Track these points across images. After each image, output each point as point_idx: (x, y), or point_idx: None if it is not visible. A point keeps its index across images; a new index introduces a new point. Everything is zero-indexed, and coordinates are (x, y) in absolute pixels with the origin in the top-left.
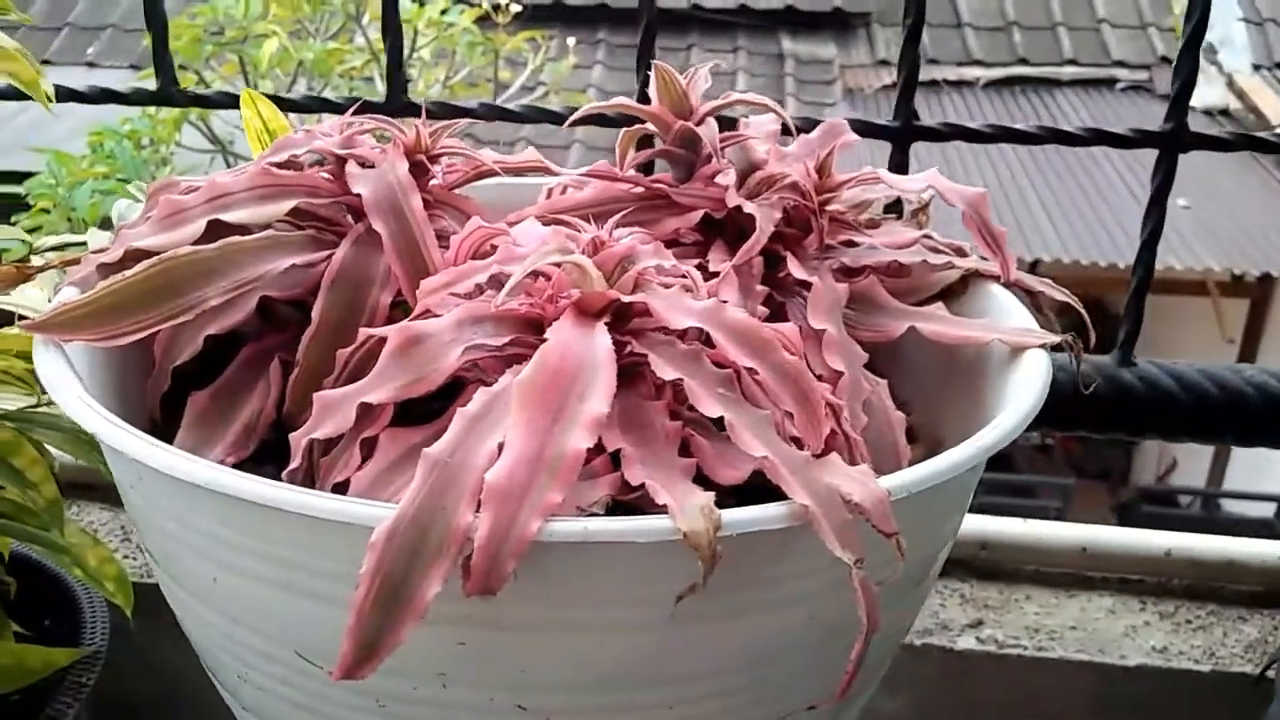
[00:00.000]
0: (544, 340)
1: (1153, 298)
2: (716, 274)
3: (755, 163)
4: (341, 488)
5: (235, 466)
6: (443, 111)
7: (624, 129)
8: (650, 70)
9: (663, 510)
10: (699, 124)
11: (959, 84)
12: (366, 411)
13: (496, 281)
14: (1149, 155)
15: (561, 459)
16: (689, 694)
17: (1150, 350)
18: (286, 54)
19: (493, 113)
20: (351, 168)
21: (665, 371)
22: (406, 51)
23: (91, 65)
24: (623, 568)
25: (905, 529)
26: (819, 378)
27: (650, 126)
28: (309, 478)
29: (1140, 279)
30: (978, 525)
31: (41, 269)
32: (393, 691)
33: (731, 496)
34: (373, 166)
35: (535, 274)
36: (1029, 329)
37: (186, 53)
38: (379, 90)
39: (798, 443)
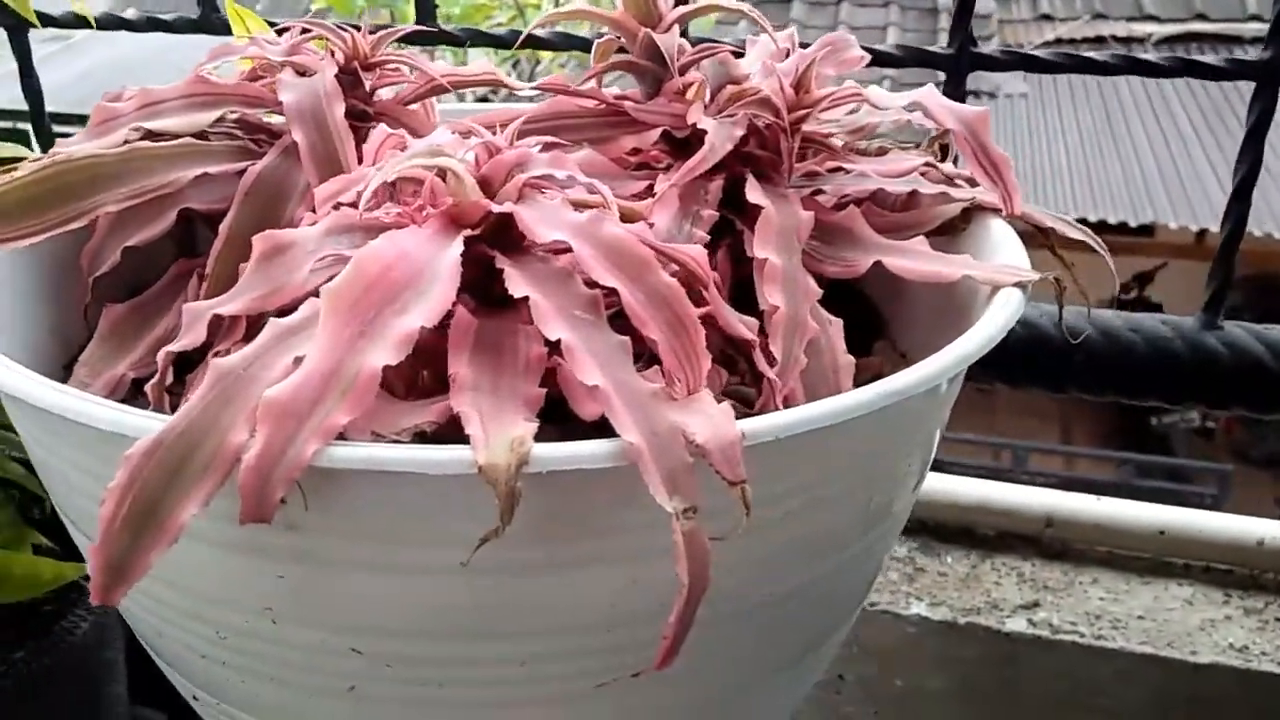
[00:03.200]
0: None
1: None
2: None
3: (733, 78)
4: None
5: (138, 383)
6: (469, 38)
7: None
8: None
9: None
10: (665, 33)
11: (1128, 40)
12: (234, 325)
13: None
14: None
15: (357, 377)
16: (545, 650)
17: None
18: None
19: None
20: (286, 75)
21: (517, 288)
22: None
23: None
24: (427, 503)
25: (809, 475)
26: (759, 314)
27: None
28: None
29: (1231, 231)
30: (1043, 500)
31: None
32: (226, 623)
33: None
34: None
35: (414, 182)
36: (1008, 266)
37: (340, 7)
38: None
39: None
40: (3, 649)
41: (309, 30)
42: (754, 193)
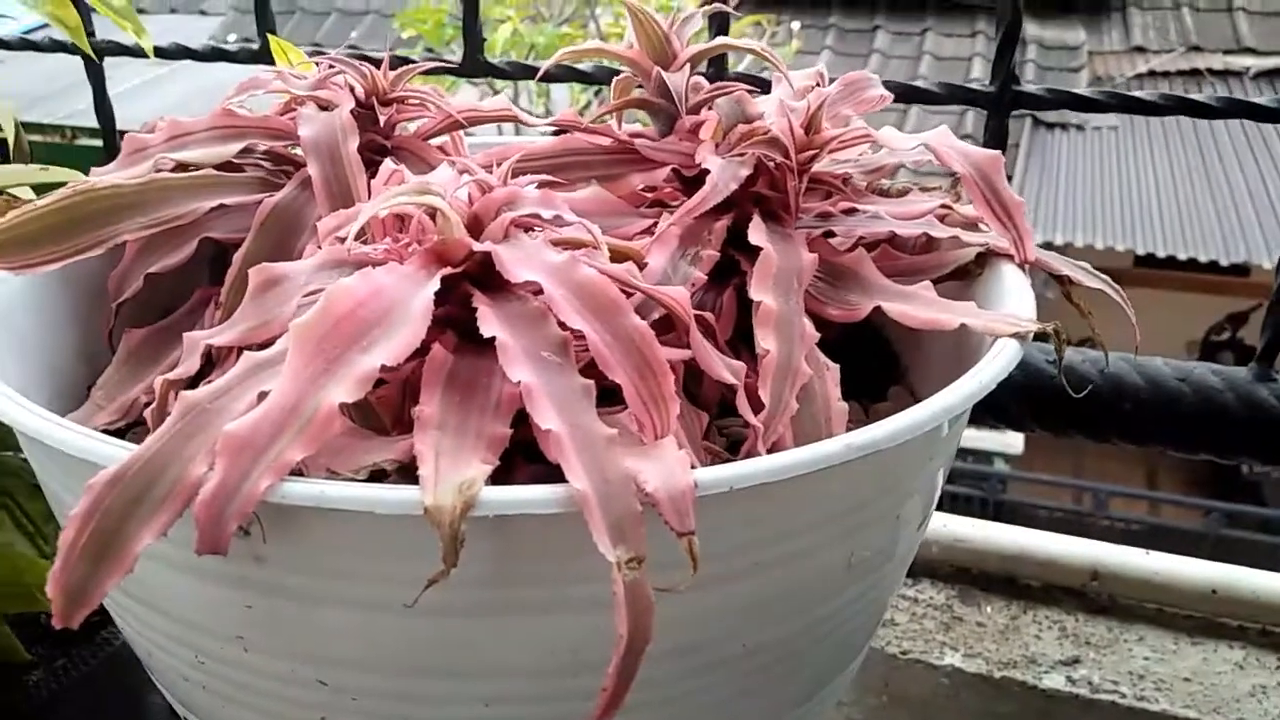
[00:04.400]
0: None
1: None
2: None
3: (747, 116)
4: None
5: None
6: (515, 71)
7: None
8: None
9: None
10: (677, 71)
11: (1225, 74)
12: (227, 356)
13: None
14: None
15: (315, 412)
16: (509, 692)
17: None
18: (519, 38)
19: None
20: (307, 109)
21: (488, 327)
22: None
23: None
24: (378, 542)
25: (779, 525)
26: (744, 357)
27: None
28: None
29: None
30: (1088, 552)
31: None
32: (202, 647)
33: None
34: None
35: (402, 218)
36: (1009, 314)
37: (430, 36)
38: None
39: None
40: (45, 655)
41: (336, 65)
42: (756, 234)
